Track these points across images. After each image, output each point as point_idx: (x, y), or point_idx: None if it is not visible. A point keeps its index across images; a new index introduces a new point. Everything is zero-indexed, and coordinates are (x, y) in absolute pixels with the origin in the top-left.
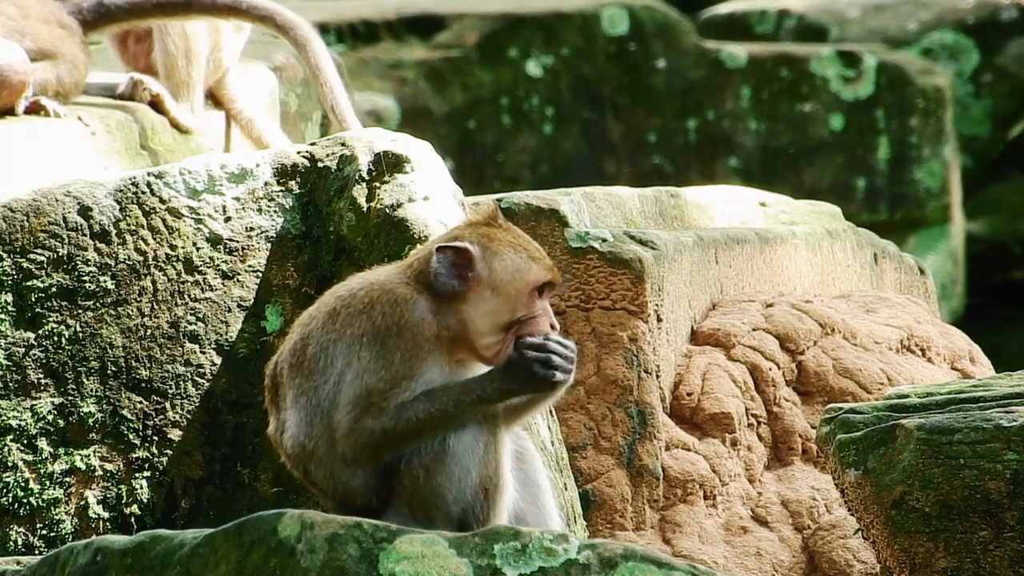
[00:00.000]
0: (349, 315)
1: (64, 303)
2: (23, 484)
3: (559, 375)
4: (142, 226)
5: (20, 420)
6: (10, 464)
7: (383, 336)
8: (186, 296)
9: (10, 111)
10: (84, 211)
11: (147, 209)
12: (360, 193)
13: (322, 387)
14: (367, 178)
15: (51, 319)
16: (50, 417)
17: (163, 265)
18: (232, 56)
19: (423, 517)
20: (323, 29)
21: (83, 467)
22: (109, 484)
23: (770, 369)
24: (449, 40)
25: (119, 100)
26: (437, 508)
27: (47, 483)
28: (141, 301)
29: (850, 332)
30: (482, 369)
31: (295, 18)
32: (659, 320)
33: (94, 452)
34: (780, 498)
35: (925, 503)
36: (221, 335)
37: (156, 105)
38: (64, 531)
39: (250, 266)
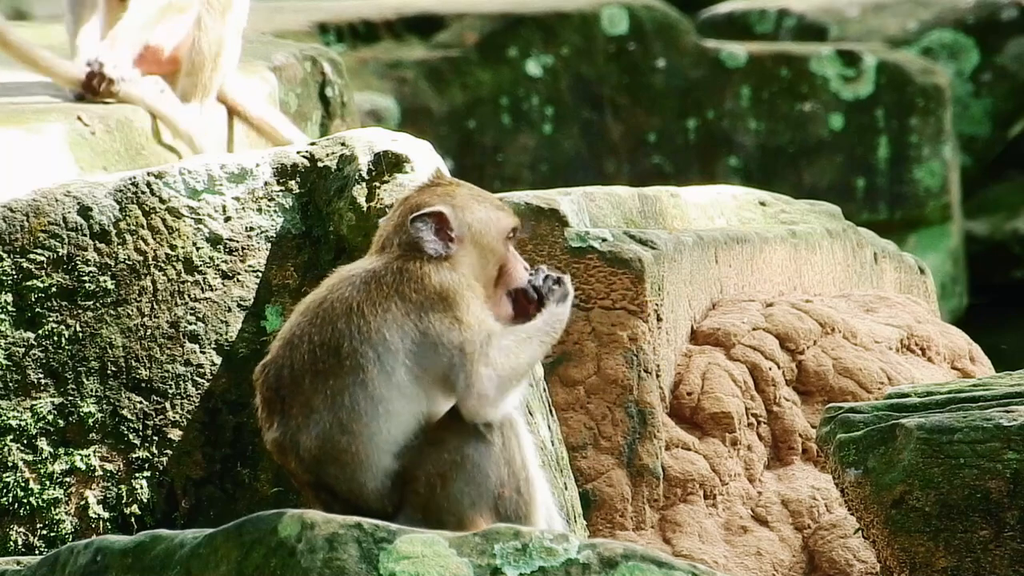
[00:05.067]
0: (376, 304)
1: (64, 303)
2: (23, 484)
3: (570, 290)
4: (142, 226)
5: (20, 420)
6: (10, 464)
7: (430, 305)
8: (186, 296)
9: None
10: (84, 211)
11: (147, 209)
12: (360, 193)
13: (377, 379)
14: (367, 178)
15: (51, 319)
16: (50, 417)
17: (163, 265)
18: (235, 58)
19: (435, 525)
20: (323, 29)
21: (83, 467)
22: (109, 484)
23: (770, 369)
24: (449, 40)
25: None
26: (452, 514)
27: (47, 483)
28: (141, 301)
29: (850, 332)
30: None
31: None
32: (659, 320)
33: (94, 452)
34: (780, 498)
35: (925, 503)
36: (221, 335)
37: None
38: (64, 531)
39: (250, 266)
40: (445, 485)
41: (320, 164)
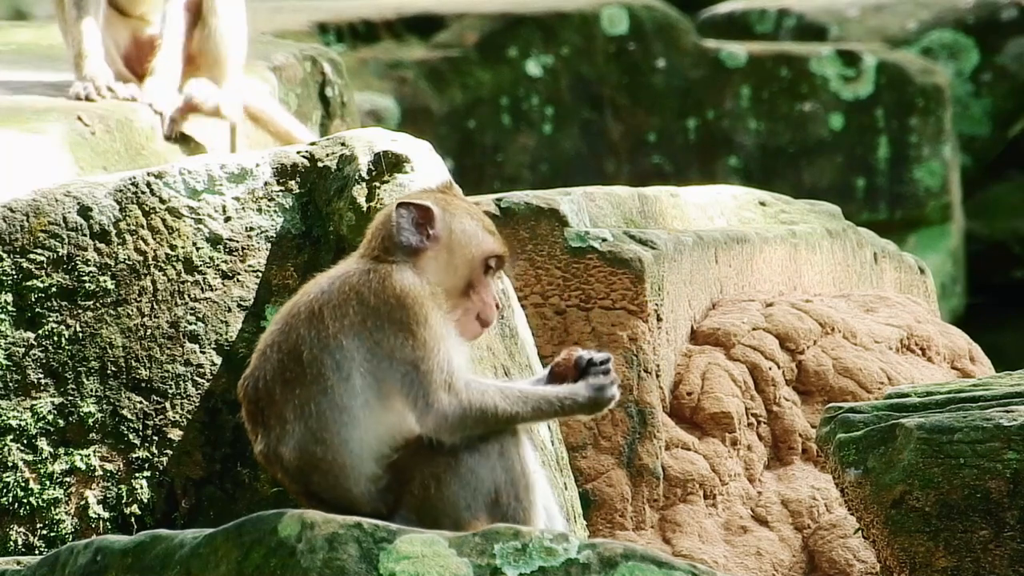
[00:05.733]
0: (336, 308)
1: (64, 303)
2: (23, 484)
3: (617, 396)
4: (142, 226)
5: (20, 420)
6: (10, 464)
7: (386, 313)
8: (186, 296)
9: None
10: (84, 211)
11: (147, 209)
12: (360, 193)
13: (337, 387)
14: (367, 178)
15: (51, 319)
16: (50, 417)
17: (163, 265)
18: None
19: (431, 526)
20: (323, 29)
21: (83, 467)
22: (109, 484)
23: (770, 369)
24: (449, 40)
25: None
26: (447, 516)
27: (47, 483)
28: (141, 301)
29: (850, 331)
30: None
31: None
32: (659, 320)
33: (94, 452)
34: (780, 498)
35: (925, 503)
36: (221, 335)
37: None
38: (64, 531)
39: (250, 266)
40: (440, 487)
41: (320, 164)
